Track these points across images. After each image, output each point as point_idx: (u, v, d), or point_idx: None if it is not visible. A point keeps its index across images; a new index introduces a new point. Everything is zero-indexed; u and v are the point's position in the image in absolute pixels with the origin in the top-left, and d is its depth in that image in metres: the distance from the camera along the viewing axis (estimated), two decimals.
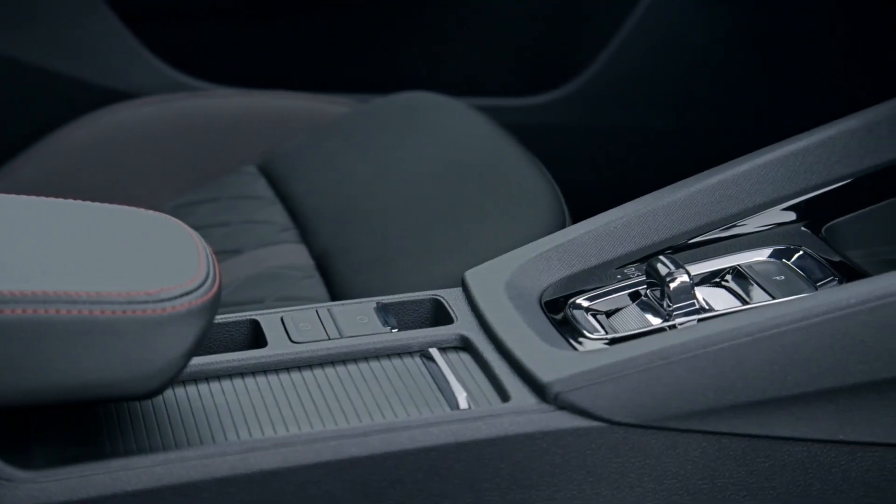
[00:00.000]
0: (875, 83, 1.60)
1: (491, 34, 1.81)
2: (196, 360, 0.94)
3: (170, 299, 0.83)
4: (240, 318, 1.00)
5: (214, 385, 0.94)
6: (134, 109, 1.61)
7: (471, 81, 1.80)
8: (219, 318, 0.99)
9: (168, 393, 0.92)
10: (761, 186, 1.08)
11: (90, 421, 0.89)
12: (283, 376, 0.95)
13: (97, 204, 0.92)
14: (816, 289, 1.01)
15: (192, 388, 0.93)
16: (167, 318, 0.83)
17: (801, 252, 1.05)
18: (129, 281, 0.84)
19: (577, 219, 1.13)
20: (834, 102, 1.23)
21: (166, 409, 0.91)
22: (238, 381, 0.94)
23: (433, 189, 1.40)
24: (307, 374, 0.96)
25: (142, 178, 1.58)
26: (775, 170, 1.08)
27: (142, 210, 0.93)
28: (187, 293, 0.84)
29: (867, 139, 1.09)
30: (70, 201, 0.92)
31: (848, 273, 1.01)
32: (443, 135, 1.49)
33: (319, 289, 1.34)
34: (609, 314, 1.02)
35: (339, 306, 1.02)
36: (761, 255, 1.05)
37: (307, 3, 1.78)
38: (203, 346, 0.96)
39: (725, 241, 1.07)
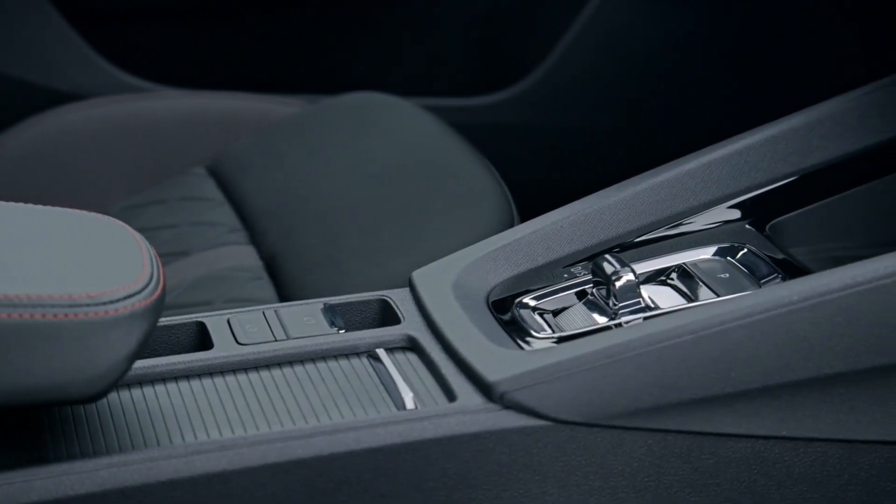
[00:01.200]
0: (818, 82, 1.62)
1: (440, 35, 1.81)
2: (141, 363, 0.94)
3: (112, 302, 0.83)
4: (185, 321, 0.99)
5: (160, 388, 0.93)
6: (81, 111, 1.60)
7: (420, 81, 1.80)
8: (164, 321, 0.98)
9: (112, 396, 0.92)
10: (706, 185, 1.09)
11: (32, 425, 0.88)
12: (230, 378, 0.95)
13: (39, 206, 0.91)
14: (760, 286, 1.01)
15: (136, 391, 0.93)
16: (110, 320, 0.82)
17: (745, 250, 1.06)
18: (72, 284, 0.83)
19: (525, 218, 1.13)
20: (778, 101, 1.24)
21: (110, 413, 0.90)
22: (183, 384, 0.94)
23: (382, 189, 1.40)
24: (253, 375, 0.95)
25: (89, 181, 1.57)
26: (720, 168, 1.09)
27: (85, 212, 0.92)
28: (130, 296, 0.84)
29: (810, 137, 1.10)
30: (11, 204, 0.91)
31: (791, 270, 1.02)
32: (392, 135, 1.49)
33: (268, 290, 1.33)
34: (556, 313, 1.02)
35: (286, 307, 1.02)
36: (706, 253, 1.06)
37: (256, 3, 1.77)
38: (148, 348, 0.96)
39: (671, 240, 1.08)
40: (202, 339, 0.99)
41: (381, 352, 0.97)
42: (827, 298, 0.89)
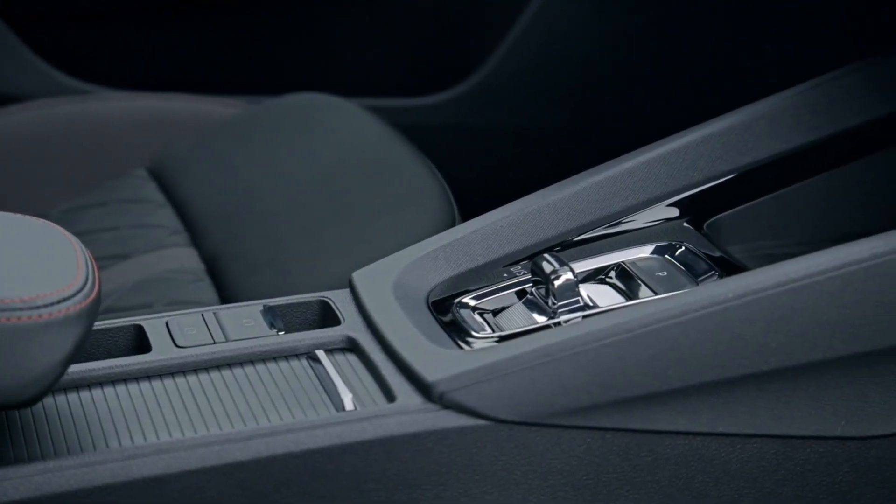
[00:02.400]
0: (754, 81, 1.63)
1: (383, 34, 1.81)
2: (77, 367, 0.93)
3: (46, 306, 0.82)
4: (123, 324, 0.99)
5: (96, 392, 0.93)
6: (19, 114, 1.58)
7: (363, 82, 1.80)
8: (102, 324, 0.98)
9: (47, 401, 0.91)
10: (645, 183, 1.10)
11: None
12: (168, 381, 0.94)
13: None
14: (697, 284, 1.02)
15: (72, 396, 0.92)
16: (43, 324, 0.81)
17: (683, 248, 1.07)
18: (4, 288, 0.82)
19: (468, 218, 1.13)
20: (716, 99, 1.25)
21: (45, 418, 0.89)
22: (121, 388, 0.93)
23: (324, 190, 1.40)
24: (192, 378, 0.95)
25: (28, 184, 1.55)
26: (658, 167, 1.10)
27: (19, 216, 0.91)
28: (64, 299, 0.83)
29: (746, 136, 1.11)
30: None
31: (728, 268, 1.03)
32: (334, 136, 1.49)
33: (210, 292, 1.33)
34: (496, 313, 1.02)
35: (225, 310, 1.01)
36: (644, 251, 1.07)
37: (197, 3, 1.76)
38: (84, 352, 0.95)
39: (610, 239, 1.08)
40: (140, 343, 0.98)
41: (320, 353, 0.97)
42: (761, 296, 0.90)
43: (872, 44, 1.17)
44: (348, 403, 0.91)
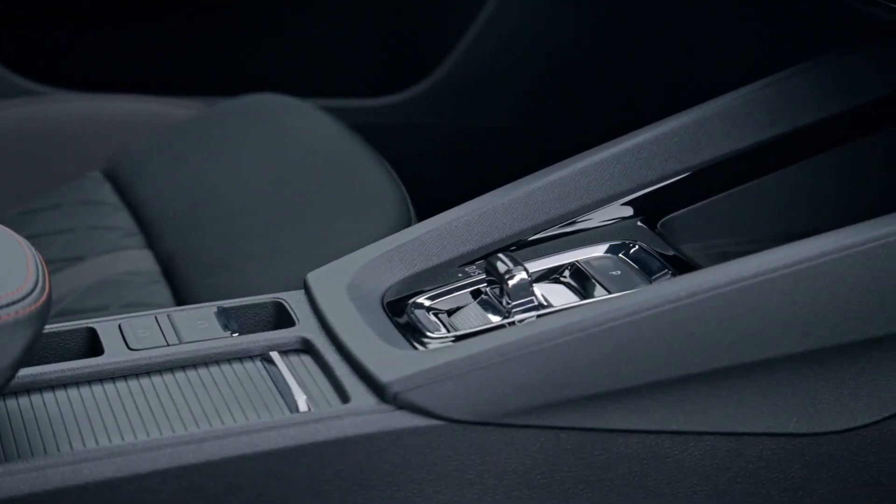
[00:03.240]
0: (708, 80, 1.64)
1: (340, 35, 1.81)
2: (28, 371, 0.92)
3: None
4: (76, 327, 0.98)
5: (48, 395, 0.92)
6: None
7: (321, 82, 1.79)
8: (54, 327, 0.97)
9: None
10: (599, 183, 1.10)
11: None
12: (120, 384, 0.94)
13: None
14: (651, 283, 1.02)
15: (23, 399, 0.91)
16: None
17: (636, 247, 1.07)
18: None
19: (425, 219, 1.13)
20: (670, 99, 1.25)
21: None
22: (72, 391, 0.93)
23: (280, 191, 1.40)
24: (145, 381, 0.94)
25: None
26: (612, 166, 1.10)
27: None
28: (13, 303, 0.82)
29: (699, 135, 1.11)
30: None
31: (681, 266, 1.03)
32: (290, 136, 1.48)
33: (165, 294, 1.32)
34: (450, 313, 1.02)
35: (178, 312, 1.01)
36: (599, 250, 1.07)
37: (152, 4, 1.75)
38: (35, 355, 0.94)
39: (565, 238, 1.08)
40: (92, 346, 0.98)
41: (274, 354, 0.97)
42: (713, 294, 0.91)
43: (823, 43, 1.18)
44: (302, 405, 0.91)
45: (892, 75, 1.14)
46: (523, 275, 0.99)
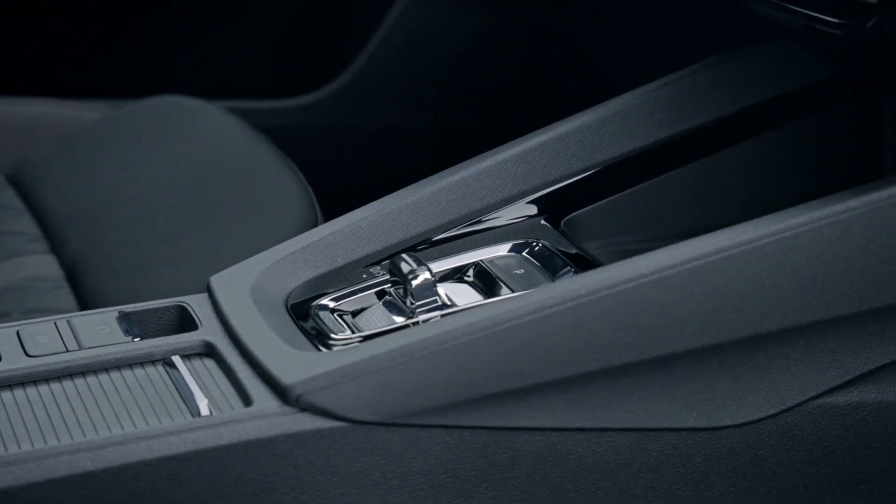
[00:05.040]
0: (612, 78, 1.65)
1: (248, 36, 1.80)
2: None
3: None
4: None
5: None
6: None
7: (229, 84, 1.78)
8: None
9: None
10: (503, 182, 1.10)
11: None
12: (18, 392, 0.92)
13: None
14: (554, 281, 1.03)
15: None
16: None
17: (540, 245, 1.07)
18: None
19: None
20: (577, 98, 1.26)
21: None
22: None
23: (185, 194, 1.38)
24: (43, 388, 0.93)
25: None
26: (515, 165, 1.11)
27: None
28: None
29: (601, 133, 1.12)
30: None
31: (584, 264, 1.04)
32: (195, 139, 1.47)
33: (69, 300, 1.30)
34: (355, 314, 1.02)
35: (79, 317, 1.00)
36: (502, 249, 1.07)
37: (55, 5, 1.73)
38: None
39: (469, 237, 1.09)
40: None
41: (176, 359, 0.96)
42: (613, 291, 0.91)
43: (722, 43, 1.20)
44: (204, 409, 0.90)
45: (789, 74, 1.16)
46: (427, 275, 0.99)
